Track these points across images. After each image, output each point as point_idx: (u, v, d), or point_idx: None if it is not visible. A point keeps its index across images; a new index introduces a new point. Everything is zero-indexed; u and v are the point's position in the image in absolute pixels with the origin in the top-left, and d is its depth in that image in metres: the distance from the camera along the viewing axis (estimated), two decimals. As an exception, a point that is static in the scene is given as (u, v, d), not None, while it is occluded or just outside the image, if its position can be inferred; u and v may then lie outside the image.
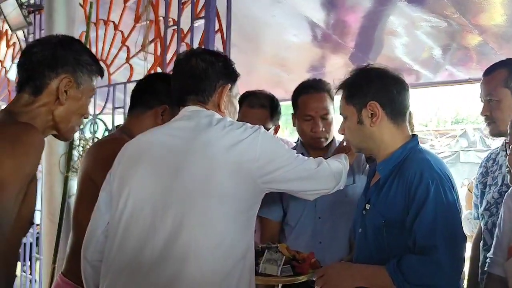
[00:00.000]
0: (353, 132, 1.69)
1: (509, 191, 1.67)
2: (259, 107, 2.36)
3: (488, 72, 1.99)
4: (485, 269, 1.67)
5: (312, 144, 2.25)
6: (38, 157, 1.33)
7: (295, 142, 2.48)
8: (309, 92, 2.22)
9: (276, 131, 2.45)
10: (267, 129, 2.30)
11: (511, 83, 1.91)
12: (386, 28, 3.72)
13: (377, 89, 1.63)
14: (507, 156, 1.59)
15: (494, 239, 1.66)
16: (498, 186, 1.99)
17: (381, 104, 1.62)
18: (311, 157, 1.70)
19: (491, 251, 1.66)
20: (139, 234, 1.48)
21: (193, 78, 1.62)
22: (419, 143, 1.70)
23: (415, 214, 1.52)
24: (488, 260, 1.66)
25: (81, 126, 3.29)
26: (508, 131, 1.60)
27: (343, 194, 2.10)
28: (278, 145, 1.60)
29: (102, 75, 1.58)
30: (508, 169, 1.59)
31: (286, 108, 2.74)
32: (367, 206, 1.69)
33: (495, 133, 2.00)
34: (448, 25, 3.40)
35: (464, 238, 1.55)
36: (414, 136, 1.70)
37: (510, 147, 1.58)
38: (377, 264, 1.58)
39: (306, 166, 1.62)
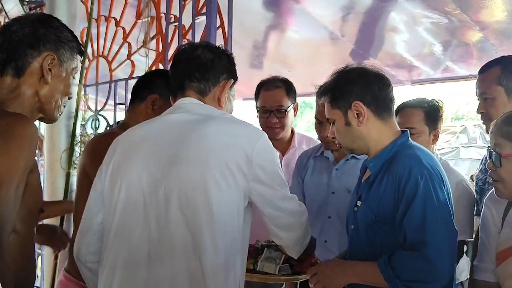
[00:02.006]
0: (342, 135, 1.69)
1: (488, 194, 1.66)
2: (274, 88, 2.50)
3: (483, 70, 2.01)
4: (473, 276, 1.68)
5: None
6: (33, 148, 1.31)
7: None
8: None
9: (295, 110, 2.54)
10: (286, 107, 2.47)
11: (504, 80, 1.92)
12: (387, 25, 3.72)
13: (359, 88, 1.64)
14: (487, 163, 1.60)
15: (479, 244, 1.66)
16: None
17: (365, 102, 1.63)
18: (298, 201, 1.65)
19: (477, 258, 1.66)
20: (134, 229, 1.47)
21: (198, 66, 1.59)
22: (409, 138, 1.69)
23: (405, 210, 1.52)
24: (474, 267, 1.66)
25: (82, 122, 3.31)
26: (490, 137, 1.60)
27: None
28: (274, 157, 1.57)
29: (82, 53, 1.55)
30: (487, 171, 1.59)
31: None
32: (358, 203, 1.69)
33: None
34: (449, 22, 3.40)
35: (455, 233, 1.55)
36: (404, 132, 1.69)
37: (489, 154, 1.57)
38: (369, 260, 1.58)
39: (289, 197, 1.59)
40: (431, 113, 2.26)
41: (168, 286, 1.42)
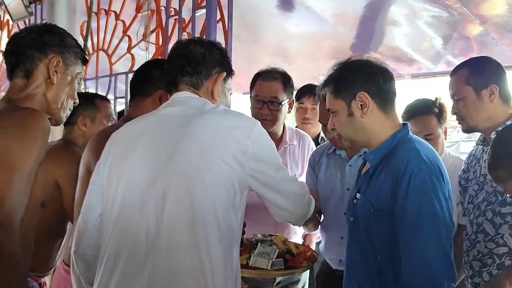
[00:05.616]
0: (344, 126, 1.68)
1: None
2: (272, 79, 2.42)
3: (453, 72, 2.10)
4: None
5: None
6: (45, 141, 1.39)
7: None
8: None
9: (290, 105, 2.49)
10: (280, 100, 2.39)
11: (471, 80, 1.98)
12: (387, 18, 3.72)
13: (364, 79, 1.63)
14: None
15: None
16: (477, 178, 2.04)
17: (370, 93, 1.62)
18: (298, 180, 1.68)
19: None
20: (132, 222, 1.47)
21: (189, 61, 1.62)
22: (409, 131, 1.69)
23: (402, 203, 1.51)
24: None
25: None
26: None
27: None
28: (270, 144, 1.59)
29: (85, 61, 1.64)
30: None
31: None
32: (358, 195, 1.69)
33: (466, 129, 2.09)
34: (449, 15, 3.40)
35: (448, 227, 1.53)
36: (405, 125, 1.69)
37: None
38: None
39: (290, 180, 1.62)
40: (441, 115, 2.42)
41: (168, 278, 1.43)
